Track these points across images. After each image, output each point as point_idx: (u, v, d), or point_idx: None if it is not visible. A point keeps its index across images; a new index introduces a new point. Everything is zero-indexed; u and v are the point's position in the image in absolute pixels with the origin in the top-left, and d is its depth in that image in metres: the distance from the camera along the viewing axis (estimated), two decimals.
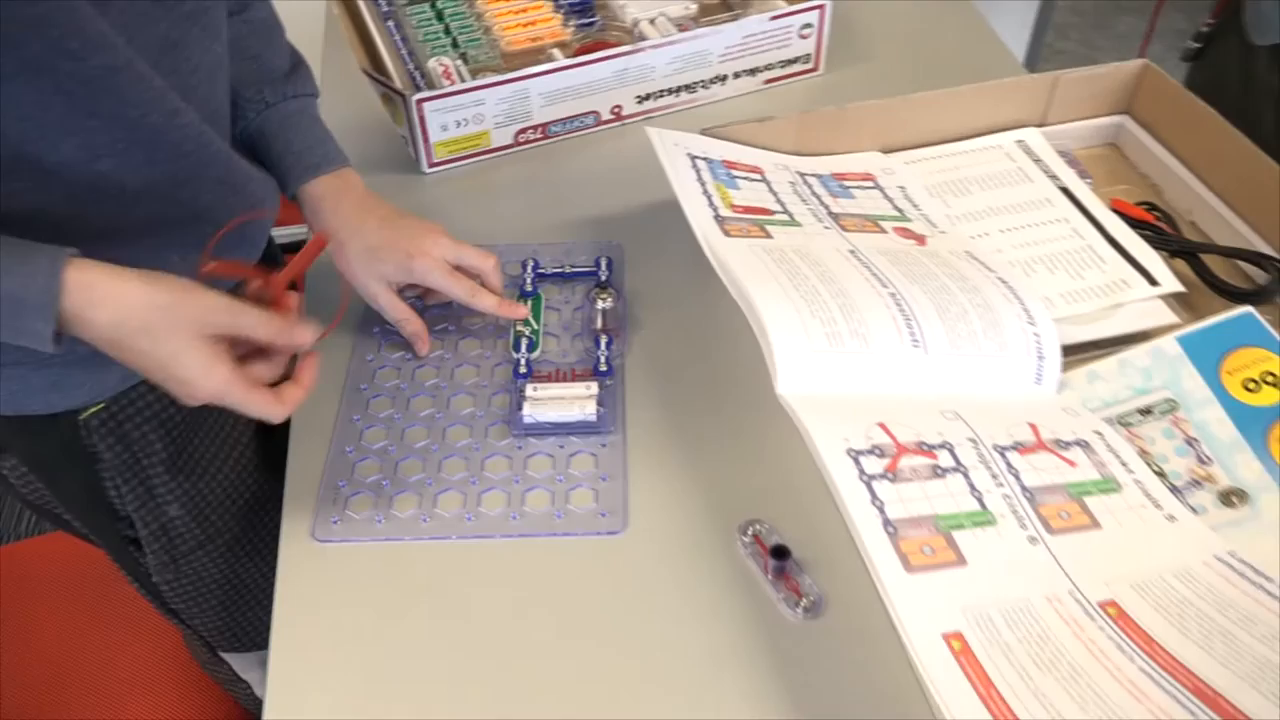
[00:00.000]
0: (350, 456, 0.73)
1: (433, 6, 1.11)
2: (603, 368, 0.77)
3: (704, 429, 0.75)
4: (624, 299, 0.84)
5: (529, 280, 0.85)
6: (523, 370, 0.78)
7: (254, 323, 0.61)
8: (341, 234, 0.78)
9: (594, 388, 0.76)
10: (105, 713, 0.89)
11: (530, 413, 0.74)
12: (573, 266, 0.86)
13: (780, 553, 0.67)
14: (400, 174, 0.98)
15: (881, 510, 0.60)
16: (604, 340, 0.79)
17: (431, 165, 0.97)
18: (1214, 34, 1.38)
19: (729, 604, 0.66)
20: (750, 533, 0.69)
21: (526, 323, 0.81)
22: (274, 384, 0.63)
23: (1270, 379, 0.73)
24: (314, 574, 0.68)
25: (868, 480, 0.62)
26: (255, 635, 0.95)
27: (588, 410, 0.74)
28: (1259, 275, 0.81)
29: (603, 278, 0.84)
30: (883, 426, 0.65)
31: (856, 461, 0.63)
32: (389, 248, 0.78)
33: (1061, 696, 0.53)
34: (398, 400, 0.77)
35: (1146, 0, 2.87)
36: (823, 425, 0.64)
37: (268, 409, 0.62)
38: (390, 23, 1.08)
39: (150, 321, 0.58)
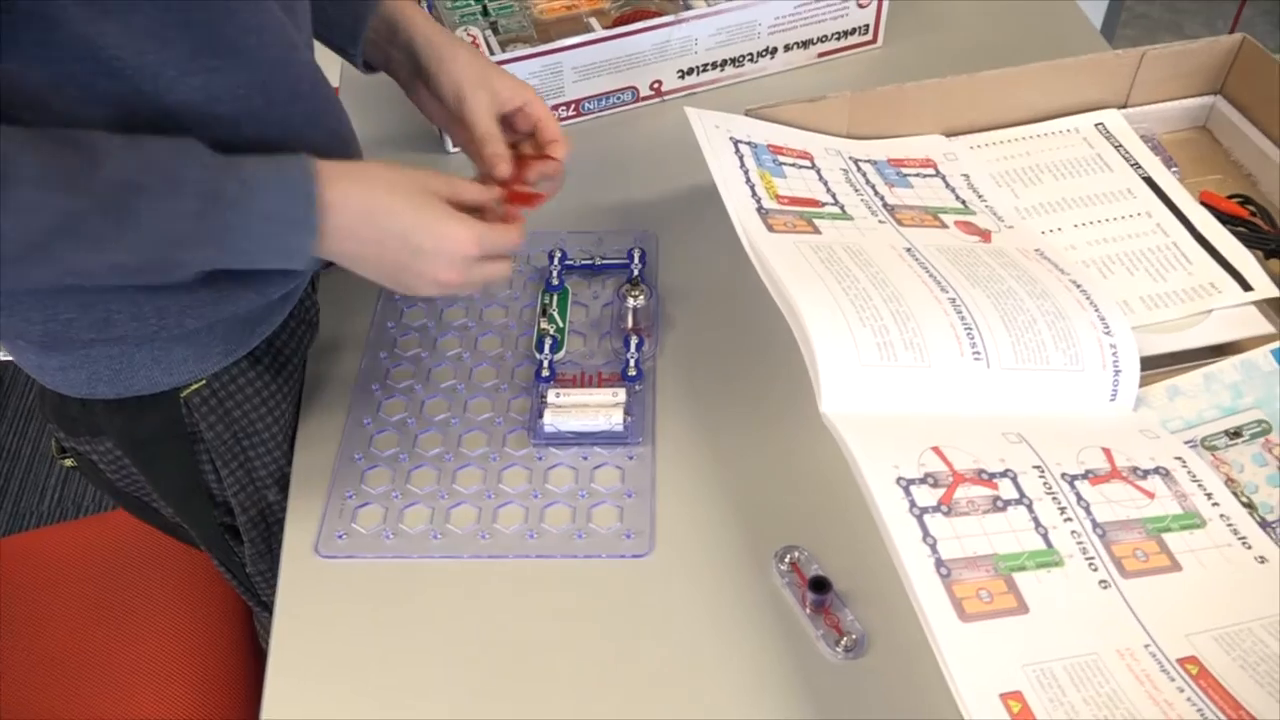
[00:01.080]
0: (359, 464, 0.69)
1: None
2: (632, 372, 0.72)
3: (742, 443, 0.70)
4: (657, 296, 0.78)
5: (555, 273, 0.79)
6: (545, 373, 0.72)
7: (466, 184, 0.64)
8: (451, 40, 0.73)
9: (621, 394, 0.70)
10: (113, 707, 0.87)
11: (552, 421, 0.69)
12: (603, 258, 0.80)
13: (820, 585, 0.61)
14: (425, 153, 0.92)
15: (934, 549, 0.54)
16: (634, 341, 0.73)
17: (456, 145, 0.91)
18: None
19: (762, 639, 0.60)
20: (788, 560, 0.63)
21: (551, 319, 0.76)
22: None
23: None
24: (317, 593, 0.64)
25: (919, 514, 0.56)
26: None
27: (614, 419, 0.69)
28: None
29: (635, 272, 0.78)
30: (937, 451, 0.59)
31: (907, 492, 0.56)
32: (500, 73, 0.74)
33: None
34: (411, 403, 0.72)
35: None
36: (870, 450, 0.58)
37: (513, 239, 0.64)
38: None
39: (394, 202, 0.60)
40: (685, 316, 0.76)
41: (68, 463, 0.78)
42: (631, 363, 0.72)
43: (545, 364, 0.73)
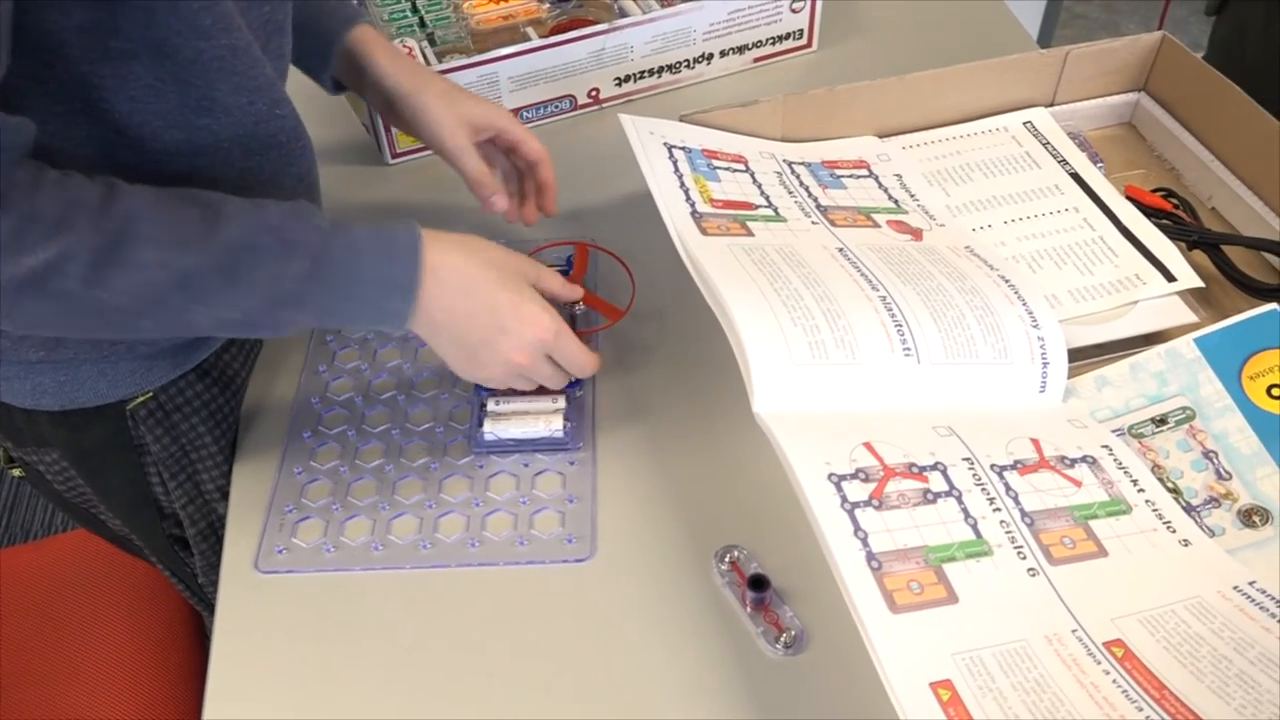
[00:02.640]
0: (299, 479, 0.68)
1: None
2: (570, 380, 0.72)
3: (681, 445, 0.70)
4: (594, 302, 0.78)
5: None
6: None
7: (551, 275, 0.68)
8: (418, 79, 0.75)
9: (561, 401, 0.70)
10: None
11: (492, 429, 0.69)
12: (552, 264, 0.80)
13: (759, 583, 0.61)
14: (363, 165, 0.92)
15: (865, 542, 0.55)
16: None
17: (395, 156, 0.91)
18: None
19: (704, 638, 0.61)
20: (728, 560, 0.64)
21: None
22: None
23: None
24: (257, 609, 0.63)
25: (850, 508, 0.56)
26: None
27: (554, 426, 0.69)
28: None
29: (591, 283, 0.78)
30: (869, 447, 0.60)
31: (839, 487, 0.57)
32: (470, 96, 0.76)
33: None
34: (352, 415, 0.72)
35: None
36: (802, 447, 0.58)
37: (585, 358, 0.67)
38: (357, 2, 1.02)
39: (490, 276, 0.63)
40: (626, 322, 0.76)
41: (16, 473, 0.78)
42: None
43: None
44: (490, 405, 0.70)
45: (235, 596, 0.64)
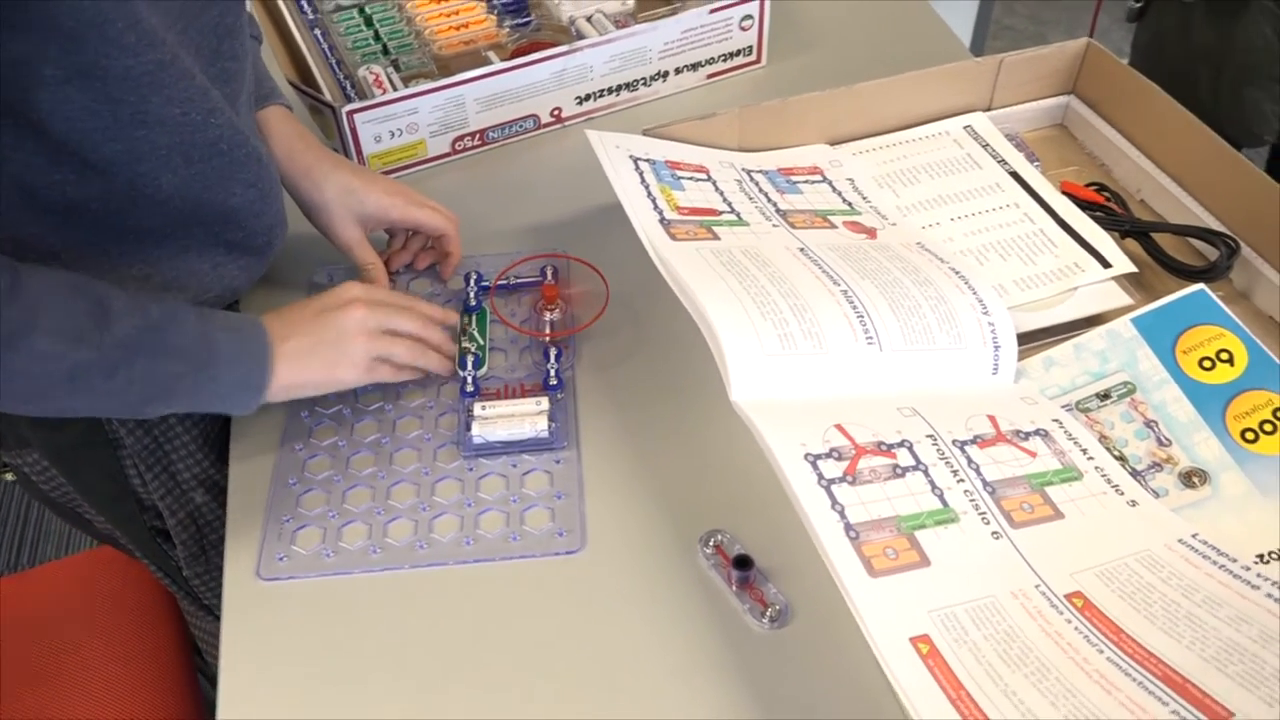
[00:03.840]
0: (294, 489, 0.71)
1: (361, 12, 1.08)
2: (553, 381, 0.75)
3: (661, 439, 0.74)
4: (571, 308, 0.82)
5: (472, 294, 0.82)
6: (470, 389, 0.75)
7: (392, 296, 0.75)
8: (315, 173, 0.79)
9: (544, 403, 0.73)
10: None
11: (480, 432, 0.72)
12: (517, 278, 0.83)
13: (743, 563, 0.65)
14: None
15: (842, 515, 0.59)
16: (553, 353, 0.77)
17: None
18: None
19: (694, 617, 0.64)
20: (712, 543, 0.67)
21: (471, 338, 0.79)
22: None
23: (1225, 356, 0.72)
24: (262, 615, 0.65)
25: (827, 485, 0.60)
26: None
27: (539, 426, 0.72)
28: (1210, 252, 0.81)
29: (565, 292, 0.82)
30: (840, 428, 0.64)
31: (815, 466, 0.61)
32: (367, 189, 0.80)
33: (1031, 693, 0.52)
34: (341, 426, 0.75)
35: None
36: (778, 431, 0.62)
37: (413, 313, 0.73)
38: (317, 31, 1.05)
39: (310, 308, 0.70)
40: (600, 325, 0.80)
41: (9, 476, 0.80)
42: (552, 372, 0.76)
43: (469, 380, 0.76)
44: (477, 410, 0.73)
45: (241, 605, 0.66)
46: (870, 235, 0.81)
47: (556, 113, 0.99)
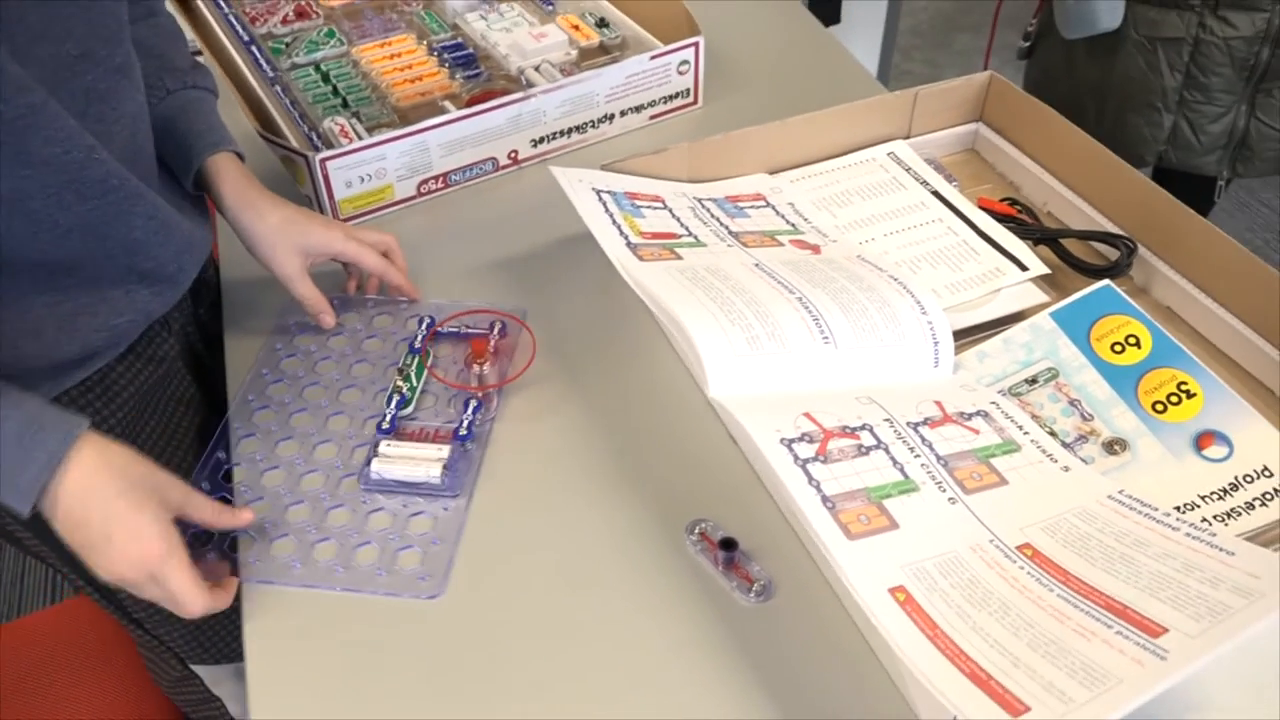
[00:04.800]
0: (205, 490, 0.75)
1: (317, 69, 1.14)
2: (463, 431, 0.79)
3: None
4: (506, 360, 0.85)
5: (419, 338, 0.86)
6: (385, 425, 0.79)
7: (201, 503, 0.69)
8: (260, 205, 0.84)
9: (445, 451, 0.77)
10: None
11: (378, 469, 0.76)
12: (468, 328, 0.87)
13: (729, 544, 0.71)
14: None
15: (819, 489, 0.66)
16: (472, 404, 0.81)
17: (338, 219, 1.00)
18: (1039, 33, 1.54)
19: (686, 599, 0.70)
20: (697, 531, 0.74)
21: (406, 379, 0.83)
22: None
23: (1133, 341, 0.82)
24: None
25: (803, 464, 0.67)
26: (225, 645, 0.96)
27: (432, 473, 0.75)
28: (1111, 253, 0.91)
29: (491, 344, 0.86)
30: (808, 416, 0.71)
31: (790, 449, 0.68)
32: (308, 221, 0.85)
33: (996, 627, 0.60)
34: (266, 441, 0.80)
35: (979, 18, 3.11)
36: (756, 420, 0.69)
37: (190, 596, 0.66)
38: (277, 87, 1.10)
39: (112, 488, 0.64)
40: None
41: None
42: (464, 423, 0.79)
43: (388, 418, 0.80)
44: (382, 447, 0.77)
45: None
46: (815, 251, 0.89)
47: (513, 155, 1.06)
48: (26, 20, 0.64)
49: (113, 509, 0.64)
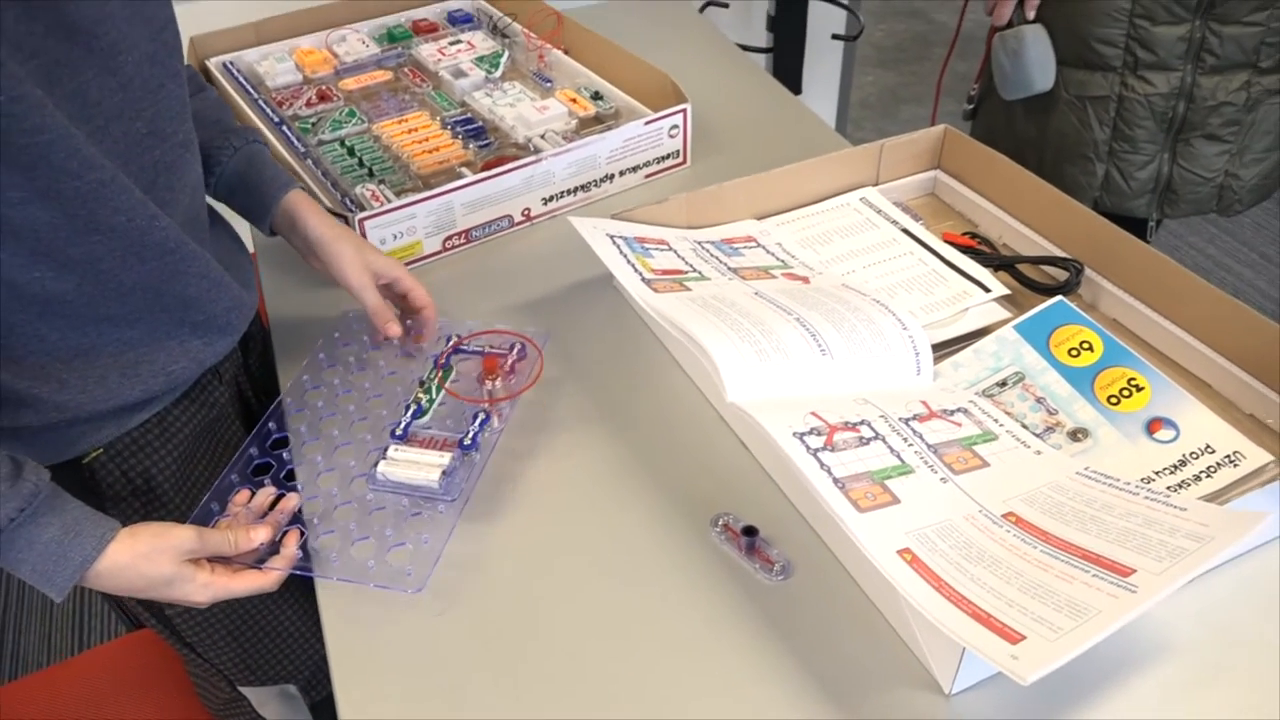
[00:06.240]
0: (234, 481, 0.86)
1: (342, 144, 1.25)
2: (466, 441, 0.86)
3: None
4: (513, 380, 0.95)
5: (445, 354, 0.96)
6: (399, 432, 0.88)
7: (219, 541, 0.78)
8: (336, 230, 0.95)
9: (446, 458, 0.84)
10: None
11: (384, 471, 0.84)
12: (491, 348, 0.97)
13: (750, 531, 0.81)
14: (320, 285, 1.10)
15: (830, 472, 0.76)
16: (480, 417, 0.89)
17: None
18: (981, 96, 1.71)
19: (714, 582, 0.80)
20: (720, 523, 0.84)
21: (426, 390, 0.92)
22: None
23: (1086, 346, 0.94)
24: None
25: (814, 453, 0.78)
26: (271, 667, 1.03)
27: (431, 477, 0.83)
28: (1061, 274, 1.04)
29: (508, 363, 0.95)
30: (815, 414, 0.82)
31: (802, 441, 0.79)
32: (377, 250, 0.97)
33: (990, 578, 0.70)
34: (294, 444, 0.89)
35: (921, 90, 3.32)
36: (771, 418, 0.80)
37: (255, 582, 0.78)
38: (309, 160, 1.21)
39: (138, 566, 0.75)
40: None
41: None
42: (470, 434, 0.87)
43: (402, 425, 0.89)
44: (390, 451, 0.86)
45: None
46: (805, 281, 1.01)
47: (526, 212, 1.17)
48: (105, 104, 0.74)
49: (136, 583, 0.75)
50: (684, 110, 1.22)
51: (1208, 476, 0.83)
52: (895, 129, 3.09)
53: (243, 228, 1.03)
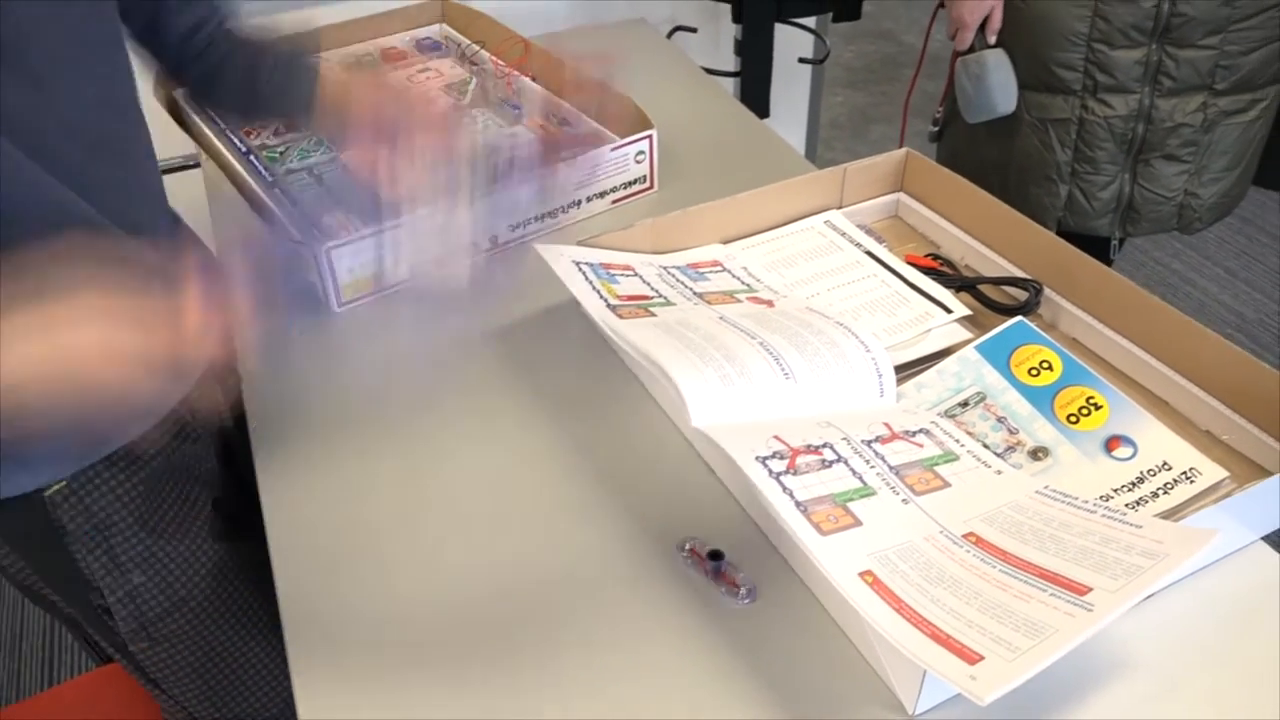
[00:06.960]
0: None
1: (310, 173, 1.26)
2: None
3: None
4: None
5: None
6: None
7: None
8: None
9: None
10: None
11: None
12: None
13: (716, 555, 0.82)
14: (313, 315, 1.10)
15: (792, 495, 0.77)
16: None
17: (341, 304, 1.10)
18: (946, 120, 1.73)
19: (681, 606, 0.80)
20: (687, 547, 0.84)
21: None
22: None
23: (1046, 365, 0.96)
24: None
25: (777, 477, 0.79)
26: (238, 705, 1.02)
27: None
28: (1021, 295, 1.06)
29: None
30: (777, 438, 0.83)
31: (765, 465, 0.79)
32: None
33: (950, 598, 0.71)
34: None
35: (890, 110, 3.36)
36: (734, 442, 0.80)
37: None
38: (277, 189, 1.22)
39: None
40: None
41: None
42: None
43: None
44: None
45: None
46: (769, 305, 1.02)
47: (494, 239, 1.18)
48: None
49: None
50: (650, 136, 1.24)
51: (1165, 493, 0.85)
52: (865, 149, 3.13)
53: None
